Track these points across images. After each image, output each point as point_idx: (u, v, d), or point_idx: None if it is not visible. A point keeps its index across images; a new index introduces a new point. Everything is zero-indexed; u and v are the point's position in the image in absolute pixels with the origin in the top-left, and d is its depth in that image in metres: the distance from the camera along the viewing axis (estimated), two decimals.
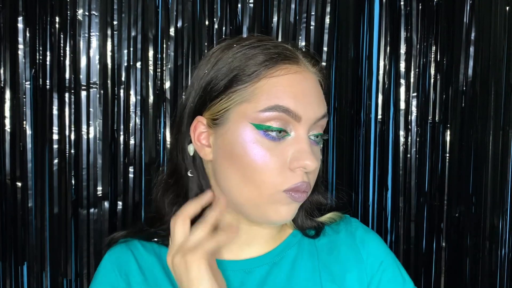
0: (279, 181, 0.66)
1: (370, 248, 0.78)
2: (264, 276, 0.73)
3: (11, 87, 1.28)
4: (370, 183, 1.41)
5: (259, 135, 0.66)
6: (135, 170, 1.31)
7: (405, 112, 1.38)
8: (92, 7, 1.28)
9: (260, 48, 0.69)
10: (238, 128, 0.67)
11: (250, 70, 0.67)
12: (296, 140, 0.66)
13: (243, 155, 0.66)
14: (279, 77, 0.67)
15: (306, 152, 0.65)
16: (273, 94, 0.66)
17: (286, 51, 0.69)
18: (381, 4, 1.37)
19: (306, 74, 0.69)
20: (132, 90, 1.30)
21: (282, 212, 0.67)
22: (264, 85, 0.66)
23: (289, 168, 0.66)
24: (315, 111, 0.67)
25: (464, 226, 1.35)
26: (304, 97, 0.67)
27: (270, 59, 0.68)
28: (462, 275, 1.36)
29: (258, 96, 0.66)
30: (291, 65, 0.68)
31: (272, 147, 0.66)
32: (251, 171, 0.66)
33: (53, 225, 1.31)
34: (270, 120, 0.65)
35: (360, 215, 1.41)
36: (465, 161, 1.35)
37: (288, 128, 0.66)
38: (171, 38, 1.31)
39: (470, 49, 1.33)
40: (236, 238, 0.73)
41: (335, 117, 1.38)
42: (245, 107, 0.67)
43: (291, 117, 0.65)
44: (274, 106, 0.65)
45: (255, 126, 0.66)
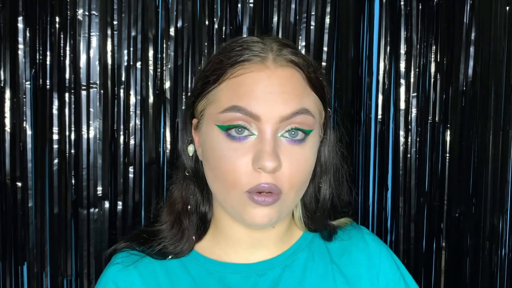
0: (244, 182, 0.65)
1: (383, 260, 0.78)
2: (276, 279, 0.73)
3: (11, 87, 1.28)
4: (370, 183, 1.41)
5: (223, 136, 0.66)
6: (135, 170, 1.31)
7: (405, 112, 1.38)
8: (92, 7, 1.28)
9: (229, 48, 0.69)
10: (208, 130, 0.68)
11: (215, 73, 0.68)
12: (259, 139, 0.65)
13: (213, 156, 0.67)
14: (240, 77, 0.66)
15: (265, 152, 0.63)
16: (231, 95, 0.66)
17: (252, 48, 0.68)
18: (381, 4, 1.37)
19: (272, 71, 0.66)
20: (132, 90, 1.30)
21: (256, 215, 0.65)
22: (225, 87, 0.67)
23: (253, 168, 0.65)
24: (280, 109, 0.65)
25: (464, 226, 1.35)
26: (266, 96, 0.65)
27: (233, 59, 0.67)
28: (462, 275, 1.36)
29: (220, 98, 0.67)
30: (254, 64, 0.67)
31: (237, 147, 0.65)
32: (220, 171, 0.66)
33: (53, 225, 1.30)
34: (231, 121, 0.65)
35: (360, 215, 1.41)
36: (465, 161, 1.35)
37: (251, 128, 0.65)
38: (171, 38, 1.31)
39: (470, 49, 1.33)
40: (241, 242, 0.73)
41: (335, 117, 1.38)
42: (211, 109, 0.68)
43: (250, 117, 0.64)
44: (231, 107, 0.65)
45: (218, 127, 0.66)
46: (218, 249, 0.75)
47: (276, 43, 0.69)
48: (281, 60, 0.68)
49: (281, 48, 0.69)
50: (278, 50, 0.68)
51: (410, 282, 0.80)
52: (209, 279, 0.72)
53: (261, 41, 0.70)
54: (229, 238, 0.74)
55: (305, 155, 0.67)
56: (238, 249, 0.74)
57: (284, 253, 0.75)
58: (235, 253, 0.74)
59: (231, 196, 0.66)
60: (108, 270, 0.75)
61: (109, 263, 0.77)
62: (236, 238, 0.73)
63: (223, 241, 0.74)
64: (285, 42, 0.71)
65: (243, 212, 0.66)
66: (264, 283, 0.72)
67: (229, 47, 0.70)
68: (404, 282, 0.79)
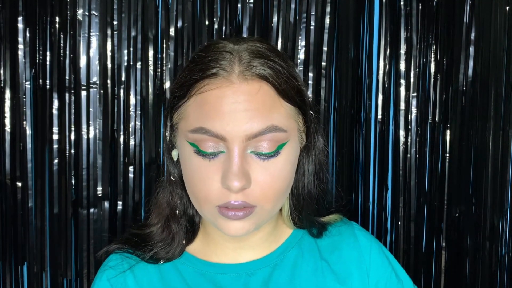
0: (213, 199, 0.65)
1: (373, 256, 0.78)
2: (266, 278, 0.73)
3: (11, 87, 1.28)
4: (370, 183, 1.41)
5: (194, 153, 0.65)
6: (135, 170, 1.31)
7: (405, 112, 1.38)
8: (92, 7, 1.28)
9: (198, 59, 0.67)
10: (181, 144, 0.68)
11: (184, 88, 0.67)
12: (227, 158, 0.64)
13: (186, 170, 0.67)
14: (205, 94, 0.64)
15: (230, 173, 0.62)
16: (197, 115, 0.65)
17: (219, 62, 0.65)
18: (381, 4, 1.37)
19: (237, 87, 0.64)
20: (132, 90, 1.30)
21: (231, 228, 0.65)
22: (192, 104, 0.66)
23: (222, 186, 0.64)
24: (245, 128, 0.62)
25: (464, 226, 1.35)
26: (231, 115, 0.63)
27: (198, 74, 0.65)
28: (462, 275, 1.36)
29: (188, 115, 0.66)
30: (220, 79, 0.64)
31: (207, 164, 0.64)
32: (192, 186, 0.66)
33: (53, 225, 1.31)
34: (198, 141, 0.64)
35: (360, 215, 1.41)
36: (465, 161, 1.35)
37: (219, 147, 0.64)
38: (171, 38, 1.31)
39: (470, 49, 1.33)
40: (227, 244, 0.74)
41: (335, 117, 1.38)
42: (182, 125, 0.67)
43: (216, 137, 0.63)
44: (198, 128, 0.64)
45: (190, 144, 0.66)
46: (208, 250, 0.75)
47: (246, 52, 0.66)
48: (248, 74, 0.64)
49: (250, 60, 0.65)
50: (247, 62, 0.65)
51: (403, 277, 0.81)
52: (200, 280, 0.73)
53: (230, 51, 0.66)
54: (217, 240, 0.75)
55: (279, 167, 0.66)
56: (227, 250, 0.75)
57: (274, 252, 0.75)
58: (224, 254, 0.75)
59: (203, 209, 0.67)
60: (104, 274, 0.75)
61: (102, 266, 0.77)
62: (222, 240, 0.74)
63: (212, 243, 0.75)
64: (258, 49, 0.67)
65: (218, 224, 0.67)
66: (254, 283, 0.73)
67: (199, 57, 0.68)
68: (396, 276, 0.79)
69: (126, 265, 0.75)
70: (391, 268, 0.79)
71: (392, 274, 0.79)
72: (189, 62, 0.70)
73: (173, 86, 0.71)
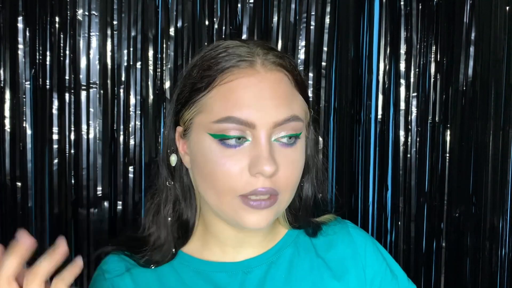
0: (238, 187, 0.64)
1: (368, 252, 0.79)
2: (263, 276, 0.74)
3: (11, 87, 1.28)
4: (370, 183, 1.41)
5: (216, 144, 0.65)
6: (135, 170, 1.31)
7: (405, 112, 1.38)
8: (92, 7, 1.28)
9: (215, 54, 0.68)
10: (199, 138, 0.67)
11: (204, 80, 0.67)
12: (254, 145, 0.65)
13: (205, 164, 0.66)
14: (230, 83, 0.65)
15: (262, 157, 0.63)
16: (224, 104, 0.65)
17: (240, 53, 0.67)
18: (381, 4, 1.37)
19: (262, 76, 0.66)
20: (132, 90, 1.30)
21: (253, 220, 0.65)
22: (216, 94, 0.66)
23: (249, 174, 0.64)
24: (273, 115, 0.64)
25: (464, 226, 1.36)
26: (258, 103, 0.64)
27: (222, 65, 0.66)
28: (462, 275, 1.36)
29: (211, 107, 0.66)
30: (244, 69, 0.66)
31: (231, 154, 0.65)
32: (212, 179, 0.66)
33: (53, 225, 1.31)
34: (225, 131, 0.64)
35: (360, 215, 1.41)
36: (465, 161, 1.35)
37: (246, 134, 0.65)
38: (171, 38, 1.31)
39: (470, 49, 1.33)
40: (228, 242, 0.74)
41: (335, 117, 1.38)
42: (202, 118, 0.67)
43: (245, 125, 0.64)
44: (226, 118, 0.64)
45: (211, 136, 0.65)
46: (206, 250, 0.76)
47: (260, 47, 0.68)
48: (269, 64, 0.67)
49: (266, 52, 0.68)
50: (264, 54, 0.67)
51: (398, 272, 0.81)
52: (197, 279, 0.73)
53: (245, 45, 0.68)
54: (218, 239, 0.74)
55: (297, 157, 0.68)
56: (226, 248, 0.75)
57: (270, 250, 0.76)
58: (222, 253, 0.75)
59: (224, 202, 0.66)
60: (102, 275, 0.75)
61: (99, 267, 0.76)
62: (224, 238, 0.74)
63: (212, 242, 0.75)
64: (269, 45, 0.70)
65: (238, 216, 0.66)
66: (251, 281, 0.73)
67: (213, 53, 0.68)
68: (391, 272, 0.80)
69: (123, 267, 0.75)
70: (386, 264, 0.80)
71: (387, 270, 0.79)
72: (200, 58, 0.70)
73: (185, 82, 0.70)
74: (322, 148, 0.79)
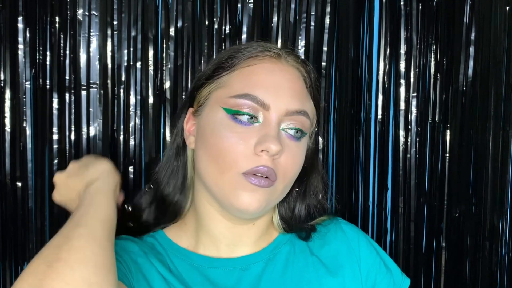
0: (241, 164, 0.67)
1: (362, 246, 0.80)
2: (260, 273, 0.74)
3: (11, 87, 1.28)
4: (370, 183, 1.41)
5: (228, 119, 0.68)
6: (135, 170, 1.31)
7: (405, 112, 1.38)
8: (92, 7, 1.28)
9: (243, 45, 0.74)
10: (212, 111, 0.70)
11: (229, 60, 0.72)
12: (264, 126, 0.68)
13: (212, 136, 0.69)
14: (254, 66, 0.70)
15: (270, 136, 0.67)
16: (245, 82, 0.69)
17: (267, 45, 0.73)
18: (381, 4, 1.37)
19: (284, 67, 0.72)
20: (132, 90, 1.30)
21: (244, 199, 0.67)
22: (239, 74, 0.70)
23: (254, 152, 0.67)
24: (287, 102, 0.69)
25: (464, 226, 1.36)
26: (276, 88, 0.69)
27: (249, 50, 0.72)
28: (462, 275, 1.36)
29: (232, 83, 0.70)
30: (269, 57, 0.71)
31: (240, 131, 0.68)
32: (216, 151, 0.68)
33: (53, 225, 1.30)
34: (241, 107, 0.68)
35: (360, 215, 1.41)
36: (465, 161, 1.35)
37: (258, 115, 0.69)
38: (171, 38, 1.31)
39: (470, 49, 1.33)
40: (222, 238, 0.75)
41: (335, 117, 1.38)
42: (220, 93, 0.70)
43: (260, 105, 0.68)
44: (244, 94, 0.68)
45: (225, 110, 0.69)
46: (201, 245, 0.77)
47: (284, 49, 0.75)
48: (291, 61, 0.73)
49: (290, 53, 0.74)
50: (287, 53, 0.74)
51: (391, 266, 0.82)
52: (194, 273, 0.74)
53: (275, 45, 0.76)
54: (211, 234, 0.76)
55: (299, 153, 0.72)
56: (220, 245, 0.76)
57: (267, 248, 0.77)
58: (217, 250, 0.76)
59: (224, 178, 0.68)
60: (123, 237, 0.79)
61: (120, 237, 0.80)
62: (217, 233, 0.76)
63: (206, 237, 0.76)
64: (292, 50, 0.77)
65: (233, 196, 0.68)
66: (248, 277, 0.74)
67: (244, 45, 0.74)
68: (385, 266, 0.81)
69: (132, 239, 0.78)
70: (380, 258, 0.81)
71: (381, 263, 0.80)
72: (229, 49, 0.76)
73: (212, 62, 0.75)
74: (322, 148, 0.82)
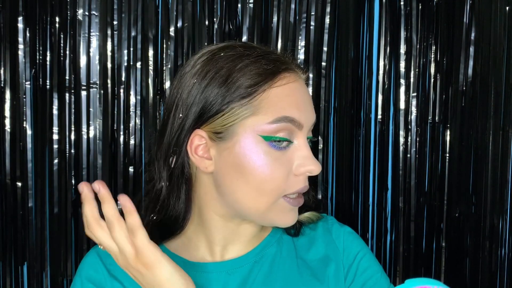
0: (285, 188, 0.69)
1: (345, 241, 0.81)
2: (245, 276, 0.75)
3: (11, 87, 1.28)
4: (370, 183, 1.41)
5: (266, 146, 0.68)
6: (135, 170, 1.31)
7: (405, 112, 1.38)
8: (92, 7, 1.28)
9: (255, 57, 0.69)
10: (246, 141, 0.68)
11: (252, 82, 0.67)
12: (299, 147, 0.69)
13: (253, 166, 0.68)
14: (281, 87, 0.68)
15: (310, 158, 0.69)
16: (278, 105, 0.68)
17: (281, 59, 0.71)
18: (381, 4, 1.37)
19: (301, 82, 0.72)
20: (132, 90, 1.30)
21: (288, 219, 0.71)
22: (268, 97, 0.68)
23: (294, 174, 0.69)
24: (311, 117, 0.71)
25: (464, 226, 1.36)
26: (304, 105, 0.70)
27: (270, 69, 0.68)
28: (462, 275, 1.36)
29: (264, 109, 0.67)
30: (289, 74, 0.70)
31: (279, 156, 0.68)
32: (260, 181, 0.68)
33: (53, 225, 1.31)
34: (278, 132, 0.68)
35: (360, 215, 1.41)
36: (465, 161, 1.35)
37: (292, 137, 0.69)
38: (171, 38, 1.31)
39: (470, 49, 1.33)
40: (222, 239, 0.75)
41: (335, 117, 1.38)
42: (253, 120, 0.68)
43: (296, 126, 0.68)
44: (281, 118, 0.67)
45: (263, 138, 0.68)
46: (193, 250, 0.77)
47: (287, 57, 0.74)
48: (300, 73, 0.73)
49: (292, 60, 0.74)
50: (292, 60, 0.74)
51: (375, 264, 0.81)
52: None
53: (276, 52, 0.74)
54: (210, 237, 0.75)
55: None
56: (215, 247, 0.76)
57: (254, 250, 0.77)
58: (210, 253, 0.76)
59: (264, 202, 0.69)
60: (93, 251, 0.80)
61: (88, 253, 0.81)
62: (218, 236, 0.75)
63: (202, 241, 0.76)
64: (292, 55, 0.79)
65: (274, 216, 0.70)
66: (233, 281, 0.74)
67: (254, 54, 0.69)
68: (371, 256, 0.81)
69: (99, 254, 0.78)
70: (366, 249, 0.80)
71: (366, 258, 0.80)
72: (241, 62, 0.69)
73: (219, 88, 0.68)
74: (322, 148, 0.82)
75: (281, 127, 0.67)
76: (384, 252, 1.41)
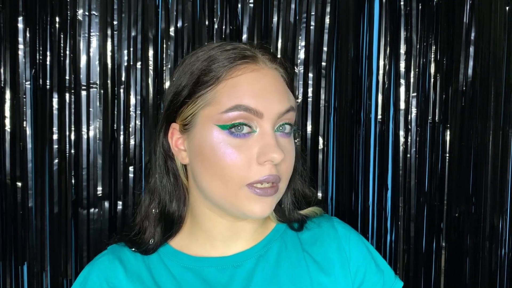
0: (247, 176, 0.68)
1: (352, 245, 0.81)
2: (252, 269, 0.75)
3: (11, 87, 1.28)
4: (370, 183, 1.41)
5: (225, 135, 0.69)
6: (135, 170, 1.31)
7: (405, 112, 1.38)
8: (92, 7, 1.28)
9: (219, 50, 0.72)
10: (205, 130, 0.70)
11: (211, 74, 0.70)
12: (262, 136, 0.69)
13: (213, 155, 0.69)
14: (238, 77, 0.70)
15: (271, 145, 0.68)
16: (233, 94, 0.69)
17: (244, 51, 0.72)
18: (381, 4, 1.37)
19: (265, 71, 0.72)
20: (132, 90, 1.30)
21: (256, 209, 0.69)
22: (224, 87, 0.69)
23: (257, 162, 0.69)
24: (276, 106, 0.70)
25: (464, 226, 1.36)
26: (264, 94, 0.69)
27: (228, 60, 0.71)
28: (462, 275, 1.36)
29: (219, 99, 0.69)
30: (249, 64, 0.71)
31: (239, 144, 0.69)
32: (220, 169, 0.69)
33: (53, 225, 1.31)
34: (234, 120, 0.68)
35: (360, 215, 1.41)
36: (465, 161, 1.35)
37: (253, 125, 0.69)
38: (171, 38, 1.31)
39: (470, 49, 1.33)
40: (220, 236, 0.76)
41: (335, 117, 1.38)
42: (209, 110, 0.70)
43: (253, 114, 0.68)
44: (235, 106, 0.68)
45: (220, 127, 0.69)
46: (196, 245, 0.78)
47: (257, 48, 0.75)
48: (268, 62, 0.73)
49: (263, 52, 0.74)
50: (262, 54, 0.74)
51: (384, 267, 0.82)
52: (186, 274, 0.75)
53: (243, 44, 0.75)
54: (209, 233, 0.77)
55: (292, 147, 0.73)
56: (216, 243, 0.77)
57: (258, 244, 0.78)
58: (212, 248, 0.77)
59: (230, 192, 0.69)
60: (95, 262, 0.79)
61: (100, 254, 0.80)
62: (216, 232, 0.76)
63: (202, 237, 0.77)
64: (266, 46, 0.77)
65: (243, 206, 0.69)
66: (240, 274, 0.75)
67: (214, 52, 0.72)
68: (376, 265, 0.81)
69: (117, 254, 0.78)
70: (371, 257, 0.81)
71: (371, 263, 0.81)
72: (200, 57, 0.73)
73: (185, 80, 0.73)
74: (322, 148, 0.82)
75: (236, 116, 0.68)
76: (384, 252, 1.41)
